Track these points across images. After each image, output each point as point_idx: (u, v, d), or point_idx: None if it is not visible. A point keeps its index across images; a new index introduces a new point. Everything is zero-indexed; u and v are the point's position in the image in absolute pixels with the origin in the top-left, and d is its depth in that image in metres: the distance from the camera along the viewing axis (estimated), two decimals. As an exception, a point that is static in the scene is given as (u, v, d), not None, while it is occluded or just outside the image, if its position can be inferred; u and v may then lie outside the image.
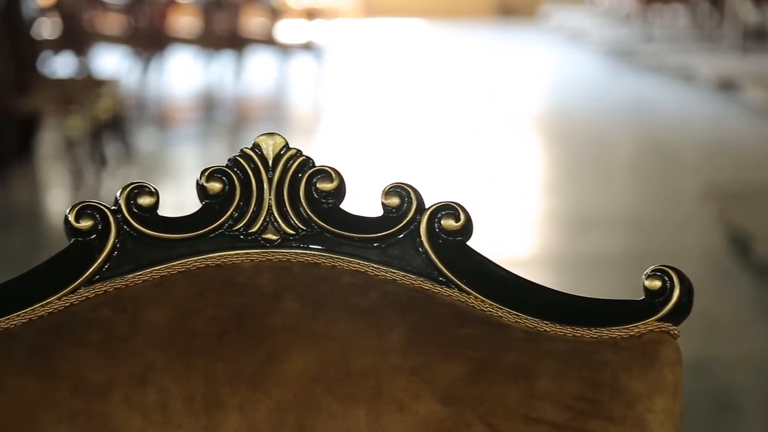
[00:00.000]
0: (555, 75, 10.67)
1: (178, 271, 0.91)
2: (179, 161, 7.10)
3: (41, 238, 5.34)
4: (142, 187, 0.93)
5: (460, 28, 13.89)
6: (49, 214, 5.87)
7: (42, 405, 0.85)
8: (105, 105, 5.96)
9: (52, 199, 6.08)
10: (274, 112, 8.75)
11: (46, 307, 0.90)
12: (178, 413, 0.86)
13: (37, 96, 5.81)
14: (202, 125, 8.20)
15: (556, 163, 7.24)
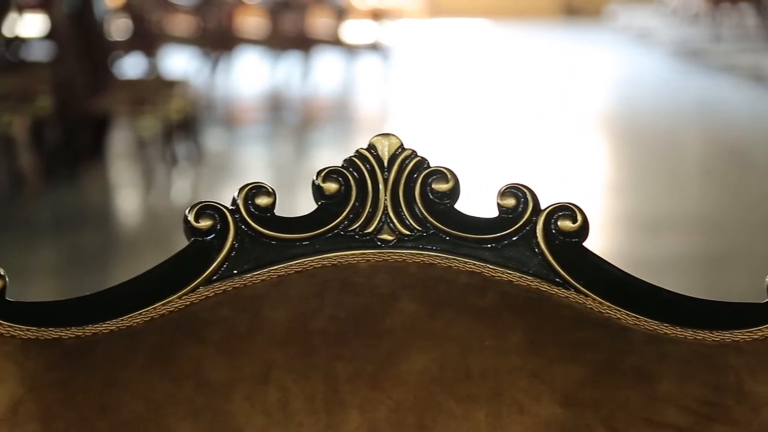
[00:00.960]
0: (622, 75, 10.59)
1: (295, 271, 0.92)
2: (246, 161, 7.15)
3: (113, 237, 5.41)
4: (260, 187, 0.94)
5: (524, 29, 13.84)
6: (121, 213, 5.94)
7: (166, 402, 0.86)
8: (176, 105, 6.02)
9: (124, 199, 6.14)
10: (340, 113, 8.77)
11: (167, 306, 0.91)
12: (299, 412, 0.86)
13: (109, 97, 5.88)
14: (268, 125, 8.25)
15: (625, 164, 7.19)
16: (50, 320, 0.89)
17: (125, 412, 0.85)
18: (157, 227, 5.57)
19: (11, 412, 0.85)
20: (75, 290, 3.56)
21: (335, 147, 7.65)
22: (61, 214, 5.57)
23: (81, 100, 5.78)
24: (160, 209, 5.76)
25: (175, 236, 5.52)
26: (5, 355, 0.86)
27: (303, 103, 8.86)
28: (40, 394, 0.85)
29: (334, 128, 8.19)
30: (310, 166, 7.07)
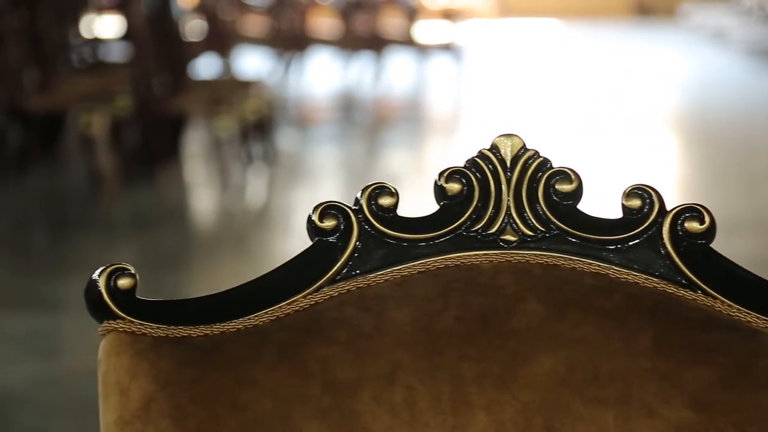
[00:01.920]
0: (695, 75, 10.48)
1: (418, 271, 0.92)
2: (318, 161, 7.17)
3: (190, 236, 5.45)
4: (383, 188, 0.94)
5: (595, 29, 13.74)
6: (197, 212, 5.99)
7: (294, 401, 0.86)
8: (252, 106, 6.05)
9: (200, 199, 6.19)
10: (412, 113, 8.77)
11: (293, 305, 0.91)
12: (425, 412, 0.86)
13: (186, 97, 5.93)
14: (340, 126, 8.27)
15: (699, 164, 7.11)
16: (179, 318, 0.90)
17: (254, 409, 0.86)
18: (233, 227, 5.61)
19: (144, 409, 0.86)
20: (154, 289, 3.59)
21: (407, 147, 7.65)
22: (139, 213, 5.63)
23: (159, 101, 5.83)
24: (236, 209, 5.80)
25: (251, 235, 5.57)
26: (137, 352, 0.87)
27: (374, 104, 8.87)
28: (171, 392, 0.86)
29: (405, 128, 8.19)
30: (382, 167, 7.07)
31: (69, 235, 5.21)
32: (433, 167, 7.19)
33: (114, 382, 0.86)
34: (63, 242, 5.10)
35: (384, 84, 9.26)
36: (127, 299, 0.89)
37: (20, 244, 5.09)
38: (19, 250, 4.98)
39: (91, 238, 5.16)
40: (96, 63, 6.47)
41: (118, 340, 0.87)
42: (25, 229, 5.35)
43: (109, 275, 0.89)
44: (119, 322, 0.89)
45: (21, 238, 5.20)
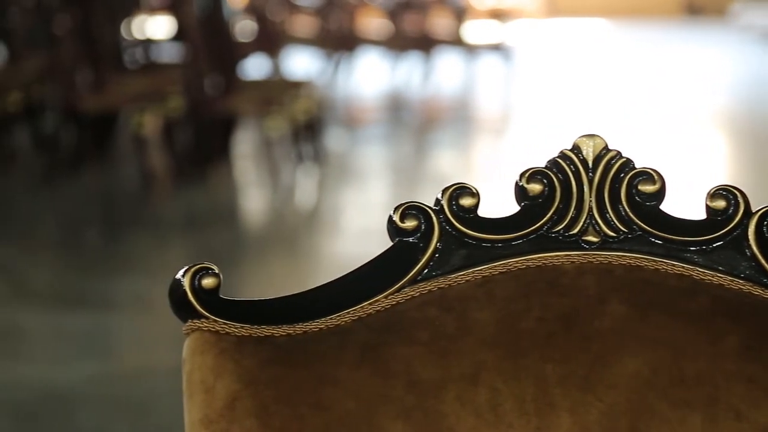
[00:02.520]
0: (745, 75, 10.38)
1: (500, 271, 0.92)
2: (366, 162, 7.17)
3: (241, 235, 5.47)
4: (464, 188, 0.94)
5: (644, 29, 13.66)
6: (248, 212, 6.01)
7: (377, 401, 0.86)
8: (303, 106, 6.07)
9: (250, 198, 6.22)
10: (460, 113, 8.76)
11: (374, 305, 0.91)
12: (509, 413, 0.86)
13: (237, 97, 5.96)
14: (388, 126, 8.27)
15: (749, 164, 7.05)
16: (262, 318, 0.90)
17: (338, 409, 0.86)
18: (283, 227, 5.63)
19: (229, 407, 0.86)
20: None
21: (455, 147, 7.64)
22: (190, 212, 5.66)
23: (211, 101, 5.86)
24: (286, 209, 5.82)
25: (300, 235, 5.58)
26: (222, 351, 0.87)
27: (423, 104, 8.87)
28: (256, 391, 0.86)
29: (454, 129, 8.18)
30: (430, 167, 7.07)
31: (121, 234, 5.25)
32: (481, 168, 7.17)
33: (199, 380, 0.87)
34: (116, 241, 5.14)
35: (432, 84, 9.25)
36: (211, 298, 0.90)
37: (74, 243, 5.14)
38: (73, 249, 5.03)
39: (143, 237, 5.20)
40: (148, 64, 6.51)
41: (202, 339, 0.88)
42: (79, 228, 5.40)
43: (193, 275, 0.90)
44: (203, 321, 0.89)
45: (75, 237, 5.25)
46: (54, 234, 5.32)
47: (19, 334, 3.80)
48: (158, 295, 4.83)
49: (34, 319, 3.97)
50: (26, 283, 4.46)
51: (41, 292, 4.36)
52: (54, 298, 4.28)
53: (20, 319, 3.97)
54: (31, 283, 4.46)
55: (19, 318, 3.97)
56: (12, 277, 4.50)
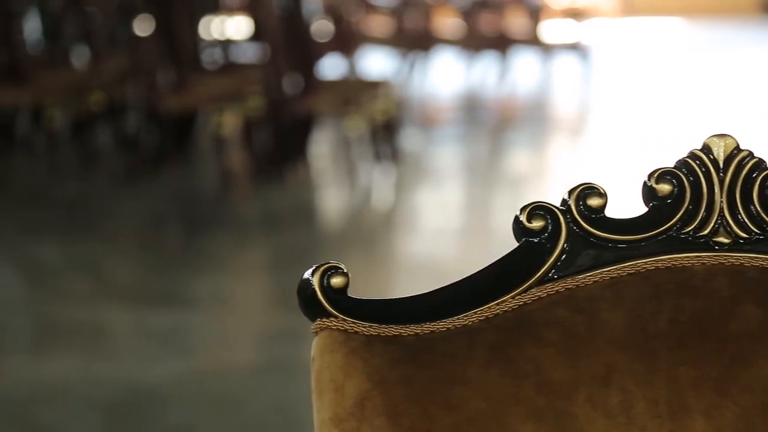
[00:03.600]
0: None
1: (628, 273, 0.91)
2: (442, 162, 7.17)
3: (319, 235, 5.49)
4: (592, 188, 0.93)
5: (720, 27, 13.49)
6: (326, 212, 6.03)
7: (508, 401, 0.86)
8: (381, 106, 6.08)
9: (329, 198, 6.24)
10: (537, 113, 8.71)
11: (501, 306, 0.91)
12: (641, 416, 0.85)
13: (317, 97, 5.98)
14: (463, 126, 8.26)
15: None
16: (390, 318, 0.90)
17: (468, 409, 0.86)
18: (361, 226, 5.64)
19: (359, 406, 0.86)
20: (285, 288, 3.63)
21: (531, 148, 7.60)
22: (269, 212, 5.70)
23: (290, 101, 5.89)
24: (364, 209, 5.83)
25: (378, 235, 5.59)
26: (351, 351, 0.87)
27: (498, 104, 8.84)
28: (385, 390, 0.86)
29: (530, 129, 8.14)
30: (506, 167, 7.04)
31: (201, 233, 5.29)
32: (558, 168, 7.13)
33: (328, 379, 0.87)
34: (196, 241, 5.19)
35: (508, 84, 9.21)
36: (340, 297, 0.90)
37: (155, 242, 5.19)
38: (155, 248, 5.08)
39: (222, 236, 5.24)
40: (227, 64, 6.56)
41: (331, 338, 0.88)
42: (159, 227, 5.46)
43: (322, 274, 0.90)
44: (332, 320, 0.89)
45: (156, 236, 5.31)
46: (135, 233, 5.38)
47: (105, 332, 3.85)
48: (239, 294, 4.87)
49: (119, 317, 4.02)
50: (109, 281, 4.51)
51: (124, 290, 4.42)
52: (137, 296, 4.33)
53: (105, 316, 4.02)
54: (114, 281, 4.52)
55: (104, 315, 4.03)
56: (96, 275, 4.56)
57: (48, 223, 5.26)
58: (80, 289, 4.32)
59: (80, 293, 4.27)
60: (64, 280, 4.44)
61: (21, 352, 3.64)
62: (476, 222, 5.67)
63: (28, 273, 4.57)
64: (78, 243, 4.94)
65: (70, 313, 3.99)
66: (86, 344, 3.68)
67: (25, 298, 4.23)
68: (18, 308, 4.11)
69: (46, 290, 4.30)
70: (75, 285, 4.37)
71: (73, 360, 3.50)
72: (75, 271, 4.58)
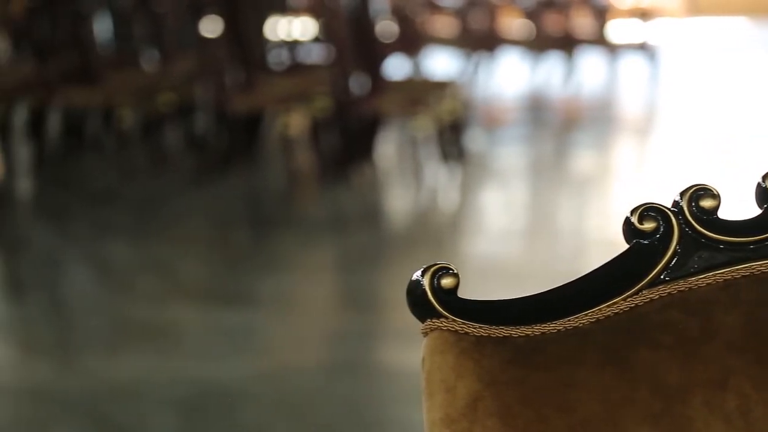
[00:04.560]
0: None
1: (743, 275, 0.90)
2: (508, 162, 7.14)
3: (386, 235, 5.49)
4: (705, 190, 0.92)
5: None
6: (393, 212, 6.04)
7: (622, 404, 0.85)
8: (448, 106, 6.07)
9: (395, 198, 6.24)
10: (603, 113, 8.65)
11: (612, 308, 0.90)
12: (761, 420, 0.84)
13: (384, 97, 5.98)
14: (528, 126, 8.22)
15: None
16: (500, 319, 0.90)
17: (582, 411, 0.85)
18: (427, 226, 5.64)
19: (471, 407, 0.86)
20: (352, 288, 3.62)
21: (597, 148, 7.55)
22: (335, 212, 5.71)
23: (357, 102, 5.90)
24: (430, 209, 5.82)
25: (445, 236, 5.58)
26: (462, 351, 0.87)
27: (564, 104, 8.79)
28: (497, 391, 0.86)
29: (596, 129, 8.09)
30: (572, 168, 7.00)
31: (268, 233, 5.32)
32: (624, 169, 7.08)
33: (439, 380, 0.86)
34: (263, 241, 5.22)
35: (574, 84, 9.16)
36: (450, 298, 0.90)
37: (223, 242, 5.22)
38: (223, 247, 5.11)
39: (289, 237, 5.26)
40: (294, 64, 6.59)
41: (441, 339, 0.88)
42: (227, 227, 5.49)
43: (432, 274, 0.90)
44: (442, 320, 0.89)
45: (224, 236, 5.34)
46: (204, 232, 5.41)
47: (176, 330, 3.87)
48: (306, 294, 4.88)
49: (189, 316, 4.04)
50: (179, 280, 4.55)
51: (194, 289, 4.45)
52: (206, 295, 4.36)
53: (176, 315, 4.05)
54: (183, 281, 4.55)
55: (175, 314, 4.06)
56: (165, 274, 4.59)
57: (119, 223, 5.32)
58: (151, 288, 4.36)
59: (151, 292, 4.31)
60: (135, 279, 4.48)
61: (96, 351, 3.67)
62: (542, 223, 5.64)
63: (100, 272, 4.62)
64: (148, 242, 4.98)
65: (141, 312, 4.02)
66: (158, 343, 3.71)
67: (97, 296, 4.28)
68: (91, 307, 4.15)
69: (117, 289, 4.34)
70: (146, 284, 4.41)
71: (147, 358, 3.53)
72: (145, 270, 4.62)
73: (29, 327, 3.91)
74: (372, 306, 4.37)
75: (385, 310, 4.34)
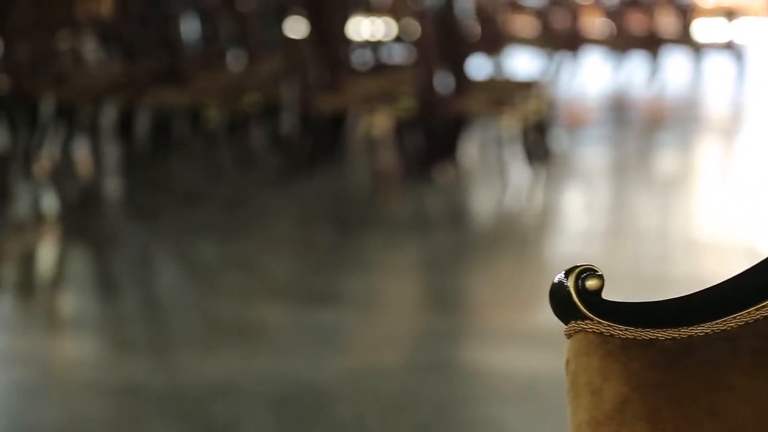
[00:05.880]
0: None
1: None
2: (591, 162, 7.08)
3: (470, 236, 5.48)
4: None
5: None
6: (477, 212, 6.02)
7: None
8: (534, 106, 6.04)
9: (479, 199, 6.22)
10: (688, 113, 8.55)
11: (761, 311, 0.88)
12: None
13: (469, 97, 5.97)
14: (612, 126, 8.15)
15: None
16: (646, 321, 0.88)
17: (734, 417, 0.84)
18: (511, 227, 5.61)
19: (618, 410, 0.85)
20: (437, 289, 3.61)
21: (682, 148, 7.47)
22: (419, 212, 5.71)
23: (442, 102, 5.90)
24: (515, 210, 5.80)
25: (529, 236, 5.54)
26: (608, 353, 0.86)
27: (648, 104, 8.70)
28: (645, 394, 0.84)
29: (680, 129, 8.00)
30: (656, 168, 6.92)
31: (352, 233, 5.33)
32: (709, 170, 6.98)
33: (585, 382, 0.86)
34: (347, 240, 5.23)
35: (658, 84, 9.07)
36: (595, 300, 0.89)
37: (308, 241, 5.25)
38: (308, 247, 5.13)
39: (373, 236, 5.27)
40: (377, 64, 6.60)
41: (586, 341, 0.87)
42: (312, 226, 5.51)
43: (577, 276, 0.89)
44: (587, 322, 0.88)
45: (309, 235, 5.36)
46: (289, 231, 5.44)
47: (265, 329, 3.90)
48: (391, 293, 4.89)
49: (277, 314, 4.07)
50: (265, 278, 4.58)
51: (280, 287, 4.47)
52: (293, 294, 4.38)
53: (263, 313, 4.08)
54: (269, 279, 4.58)
55: (262, 312, 4.08)
56: (253, 273, 4.63)
57: (206, 222, 5.36)
58: (238, 287, 4.39)
59: (239, 290, 4.34)
60: (223, 278, 4.51)
61: (189, 349, 3.71)
62: (626, 223, 5.58)
63: (189, 271, 4.66)
64: (235, 241, 5.02)
65: (230, 310, 4.05)
66: (249, 341, 3.74)
67: (187, 295, 4.32)
68: (182, 305, 4.20)
69: (207, 287, 4.38)
70: (233, 282, 4.45)
71: (237, 356, 3.56)
72: (233, 268, 4.66)
73: (122, 325, 3.96)
74: (457, 306, 4.36)
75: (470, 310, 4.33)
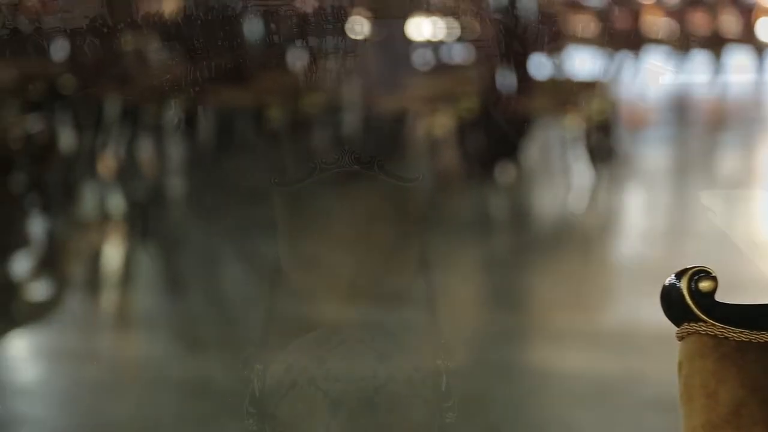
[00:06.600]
0: None
1: None
2: (653, 163, 7.04)
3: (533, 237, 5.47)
4: None
5: None
6: (539, 213, 6.00)
7: None
8: (598, 106, 6.01)
9: (542, 199, 6.21)
10: (751, 114, 8.47)
11: None
12: None
13: (532, 97, 5.96)
14: (674, 127, 8.10)
15: None
16: (762, 323, 0.87)
17: None
18: (575, 228, 5.59)
19: (734, 413, 0.84)
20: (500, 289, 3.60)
21: (746, 150, 7.40)
22: (482, 213, 5.70)
23: (504, 102, 5.88)
24: (578, 211, 5.77)
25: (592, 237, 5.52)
26: (722, 356, 0.85)
27: (711, 104, 8.63)
28: (762, 397, 0.84)
29: (744, 130, 7.92)
30: (719, 169, 6.86)
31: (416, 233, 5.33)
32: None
33: (699, 385, 0.85)
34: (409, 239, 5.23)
35: (721, 84, 8.99)
36: (708, 302, 0.88)
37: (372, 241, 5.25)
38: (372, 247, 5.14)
39: (435, 236, 5.26)
40: (438, 64, 6.59)
41: (700, 343, 0.86)
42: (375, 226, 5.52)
43: (690, 277, 0.88)
44: (701, 324, 0.87)
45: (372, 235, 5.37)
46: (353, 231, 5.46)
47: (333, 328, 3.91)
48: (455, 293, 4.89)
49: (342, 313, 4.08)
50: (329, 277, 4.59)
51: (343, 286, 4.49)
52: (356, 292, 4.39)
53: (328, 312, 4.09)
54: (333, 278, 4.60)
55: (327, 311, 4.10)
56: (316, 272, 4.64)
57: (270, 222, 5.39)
58: (303, 285, 4.41)
59: (303, 289, 4.35)
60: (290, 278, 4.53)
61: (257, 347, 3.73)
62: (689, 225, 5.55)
63: (253, 269, 4.69)
64: (300, 241, 5.04)
65: (296, 309, 4.07)
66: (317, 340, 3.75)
67: (253, 293, 4.35)
68: (249, 303, 4.22)
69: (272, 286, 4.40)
70: (299, 281, 4.46)
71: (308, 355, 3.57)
72: (299, 268, 4.68)
73: (190, 322, 3.99)
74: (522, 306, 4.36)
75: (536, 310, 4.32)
